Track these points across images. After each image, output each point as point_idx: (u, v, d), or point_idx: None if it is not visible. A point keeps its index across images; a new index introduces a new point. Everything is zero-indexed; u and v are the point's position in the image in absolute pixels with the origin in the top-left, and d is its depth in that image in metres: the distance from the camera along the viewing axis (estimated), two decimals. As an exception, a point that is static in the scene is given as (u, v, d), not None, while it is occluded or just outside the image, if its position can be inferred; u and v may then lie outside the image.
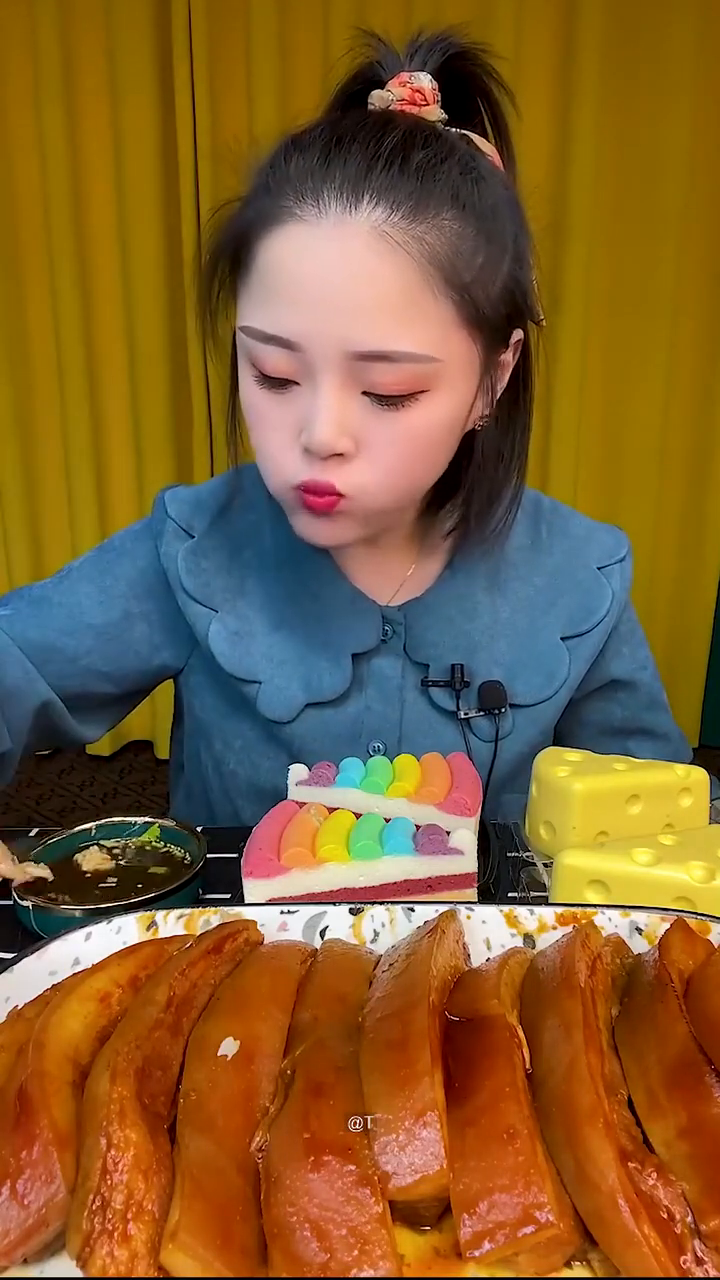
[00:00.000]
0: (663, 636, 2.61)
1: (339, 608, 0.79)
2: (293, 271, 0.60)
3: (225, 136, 2.28)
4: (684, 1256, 0.32)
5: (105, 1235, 0.31)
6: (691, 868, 0.54)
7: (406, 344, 0.60)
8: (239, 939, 0.48)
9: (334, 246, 0.59)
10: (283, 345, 0.62)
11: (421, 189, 0.59)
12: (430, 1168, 0.33)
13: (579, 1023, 0.38)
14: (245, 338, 0.64)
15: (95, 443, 2.52)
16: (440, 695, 0.80)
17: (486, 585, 0.81)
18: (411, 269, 0.59)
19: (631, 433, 2.49)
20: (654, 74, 2.22)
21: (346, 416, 0.63)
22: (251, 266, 0.63)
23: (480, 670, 0.80)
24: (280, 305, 0.61)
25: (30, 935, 0.60)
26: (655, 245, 2.33)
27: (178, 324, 2.43)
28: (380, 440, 0.64)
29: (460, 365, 0.64)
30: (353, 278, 0.59)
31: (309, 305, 0.60)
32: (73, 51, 2.26)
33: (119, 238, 2.38)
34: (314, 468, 0.64)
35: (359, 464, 0.65)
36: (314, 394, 0.62)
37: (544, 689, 0.81)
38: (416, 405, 0.63)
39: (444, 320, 0.61)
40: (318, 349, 0.61)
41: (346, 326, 0.60)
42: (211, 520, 0.82)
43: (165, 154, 2.33)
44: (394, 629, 0.80)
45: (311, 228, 0.59)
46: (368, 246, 0.58)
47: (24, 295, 2.45)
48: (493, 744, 0.79)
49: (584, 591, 0.83)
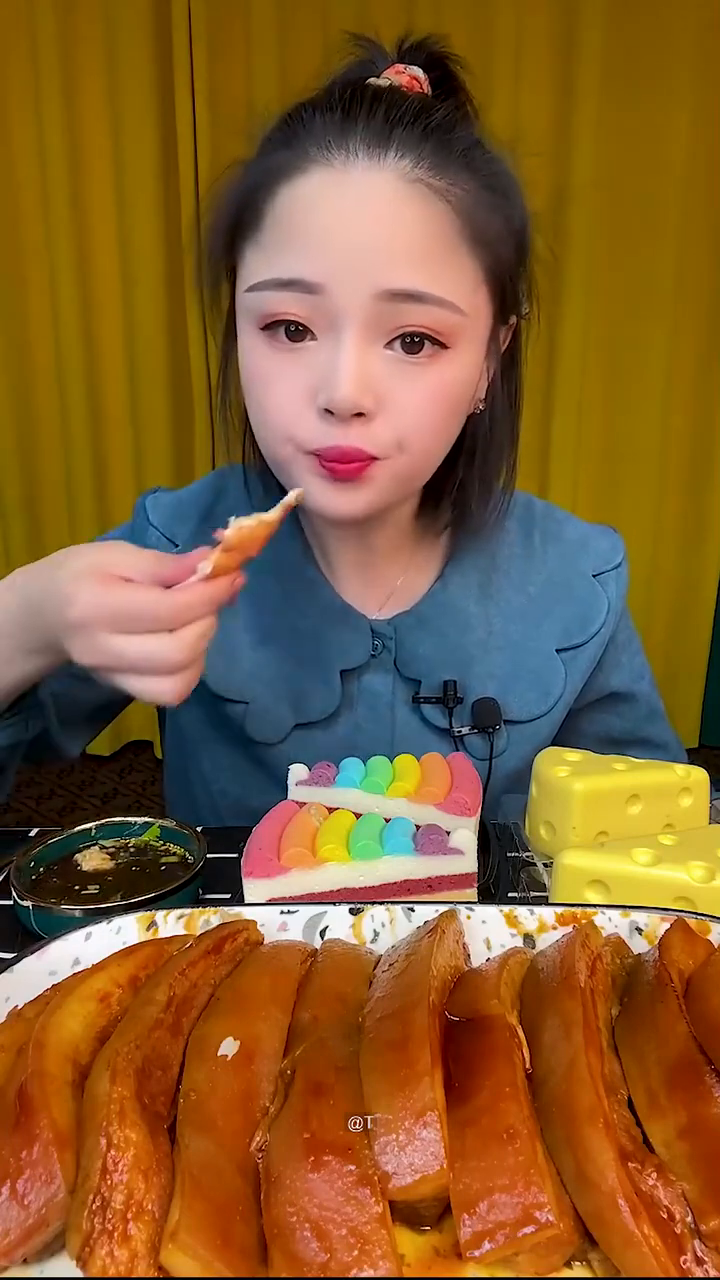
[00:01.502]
0: (663, 637, 2.61)
1: (327, 622, 0.76)
2: (320, 214, 0.59)
3: (225, 135, 2.28)
4: (684, 1256, 0.32)
5: (105, 1235, 0.31)
6: (691, 868, 0.54)
7: (438, 288, 0.59)
8: (239, 939, 0.48)
9: (364, 190, 0.58)
10: (303, 290, 0.59)
11: (442, 148, 0.60)
12: (430, 1168, 0.33)
13: (579, 1023, 0.38)
14: (253, 297, 0.62)
15: (95, 442, 2.52)
16: (432, 712, 0.77)
17: (479, 596, 0.79)
18: (442, 217, 0.59)
19: (631, 433, 2.49)
20: (654, 74, 2.22)
21: (369, 371, 0.60)
22: (264, 220, 0.61)
23: (473, 685, 0.77)
24: (303, 249, 0.59)
25: (30, 935, 0.60)
26: (655, 245, 2.33)
27: (178, 322, 2.43)
28: (404, 398, 0.61)
29: (478, 328, 0.64)
30: (384, 219, 0.58)
31: (336, 246, 0.58)
32: (73, 51, 2.26)
33: (119, 236, 2.38)
34: (334, 431, 0.61)
35: (380, 425, 0.62)
36: (335, 345, 0.60)
37: (539, 705, 0.78)
38: (439, 362, 0.62)
39: (470, 274, 0.61)
40: (344, 290, 0.59)
41: (377, 266, 0.58)
42: (194, 528, 0.79)
43: (165, 153, 2.33)
44: (384, 643, 0.77)
45: (339, 173, 0.59)
46: (398, 191, 0.58)
47: (24, 295, 2.45)
48: (487, 762, 0.77)
49: (579, 601, 0.80)
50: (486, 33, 2.19)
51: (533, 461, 2.48)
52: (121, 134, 2.31)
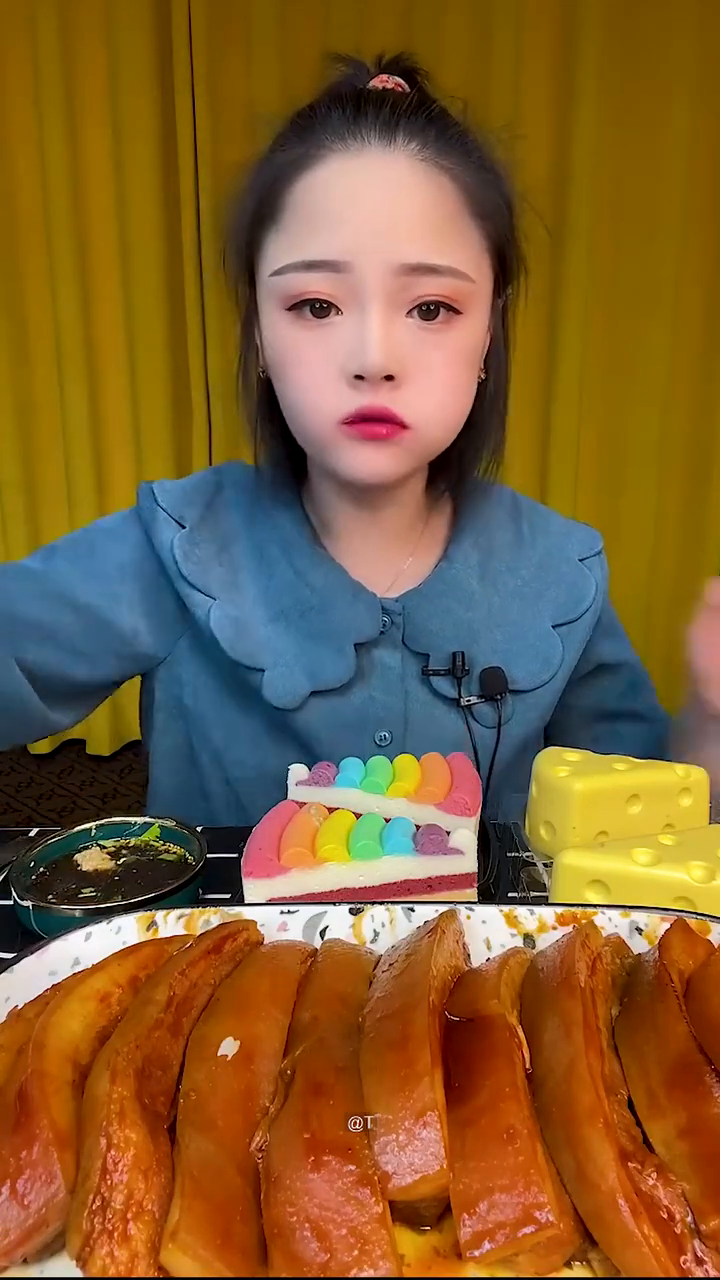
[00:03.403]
0: (663, 636, 2.61)
1: (338, 597, 0.79)
2: (339, 198, 0.64)
3: (225, 135, 2.28)
4: (684, 1256, 0.32)
5: (105, 1235, 0.31)
6: (691, 868, 0.54)
7: (450, 259, 0.65)
8: (239, 939, 0.48)
9: (379, 172, 0.64)
10: (329, 269, 0.64)
11: (444, 134, 0.66)
12: (430, 1168, 0.33)
13: (579, 1023, 0.38)
14: (279, 280, 0.67)
15: (95, 442, 2.52)
16: (441, 684, 0.80)
17: (480, 575, 0.83)
18: (449, 193, 0.66)
19: (631, 433, 2.49)
20: (654, 74, 2.22)
21: (394, 338, 0.65)
22: (284, 209, 0.66)
23: (479, 658, 0.81)
24: (326, 231, 0.64)
25: (30, 935, 0.60)
26: (655, 245, 2.33)
27: (177, 321, 2.44)
28: (423, 364, 0.67)
29: (483, 296, 0.70)
30: (398, 198, 0.64)
31: (358, 225, 0.64)
32: (73, 51, 2.26)
33: (119, 236, 2.38)
34: (364, 396, 0.66)
35: (408, 391, 0.67)
36: (361, 317, 0.65)
37: (541, 674, 0.82)
38: (454, 327, 0.68)
39: (476, 244, 0.68)
40: (367, 266, 0.64)
41: (396, 241, 0.64)
42: (201, 513, 0.81)
43: (165, 153, 2.33)
44: (393, 620, 0.80)
45: (355, 158, 0.64)
46: (410, 171, 0.64)
47: (24, 295, 2.45)
48: (495, 730, 0.80)
49: (569, 583, 0.85)
50: (486, 32, 2.19)
51: (533, 460, 2.48)
52: (122, 134, 2.31)
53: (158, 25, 2.26)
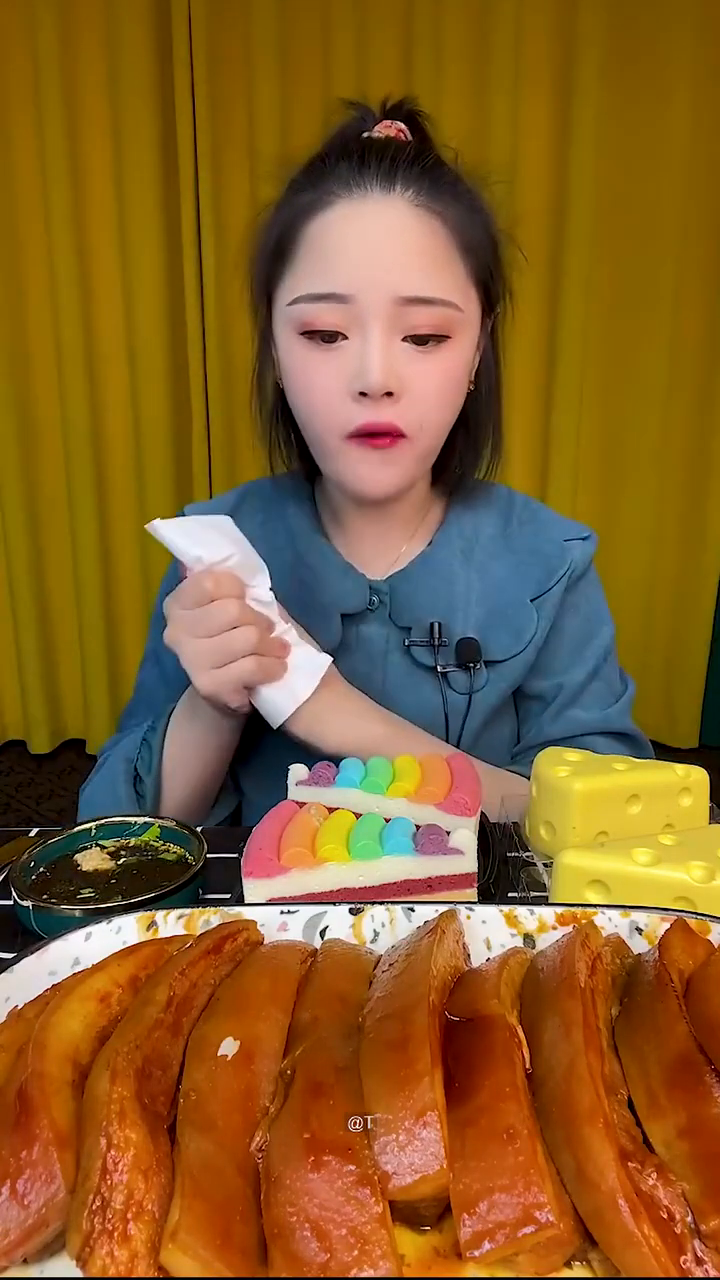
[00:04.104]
0: (663, 636, 2.61)
1: (329, 575, 0.88)
2: (345, 237, 0.74)
3: (225, 135, 2.28)
4: (684, 1256, 0.32)
5: (105, 1235, 0.31)
6: (691, 868, 0.54)
7: (440, 291, 0.74)
8: (239, 939, 0.48)
9: (379, 215, 0.73)
10: (336, 300, 0.74)
11: (435, 180, 0.75)
12: (430, 1168, 0.33)
13: (579, 1023, 0.38)
14: (294, 310, 0.76)
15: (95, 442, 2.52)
16: (422, 654, 0.88)
17: (462, 560, 0.90)
18: (439, 231, 0.75)
19: (631, 433, 2.48)
20: (654, 74, 2.22)
21: (392, 360, 0.75)
22: (299, 248, 0.76)
23: (457, 630, 0.88)
24: (334, 267, 0.74)
25: (30, 935, 0.60)
26: (655, 245, 2.33)
27: (178, 326, 2.43)
28: (418, 382, 0.76)
29: (471, 321, 0.79)
30: (396, 238, 0.73)
31: (361, 262, 0.73)
32: (73, 51, 2.26)
33: (119, 237, 2.38)
34: (369, 410, 0.75)
35: (405, 405, 0.76)
36: (364, 342, 0.74)
37: (513, 646, 0.88)
38: (444, 349, 0.76)
39: (462, 276, 0.77)
40: (369, 297, 0.73)
41: (394, 276, 0.73)
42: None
43: (165, 154, 2.33)
44: (380, 598, 0.89)
45: (359, 203, 0.74)
46: (405, 213, 0.74)
47: (24, 296, 2.45)
48: (467, 696, 0.87)
49: (547, 557, 0.91)
50: (486, 33, 2.19)
51: (533, 461, 2.48)
52: (122, 134, 2.31)
53: (158, 26, 2.26)
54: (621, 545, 2.52)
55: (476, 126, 2.21)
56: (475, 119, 2.21)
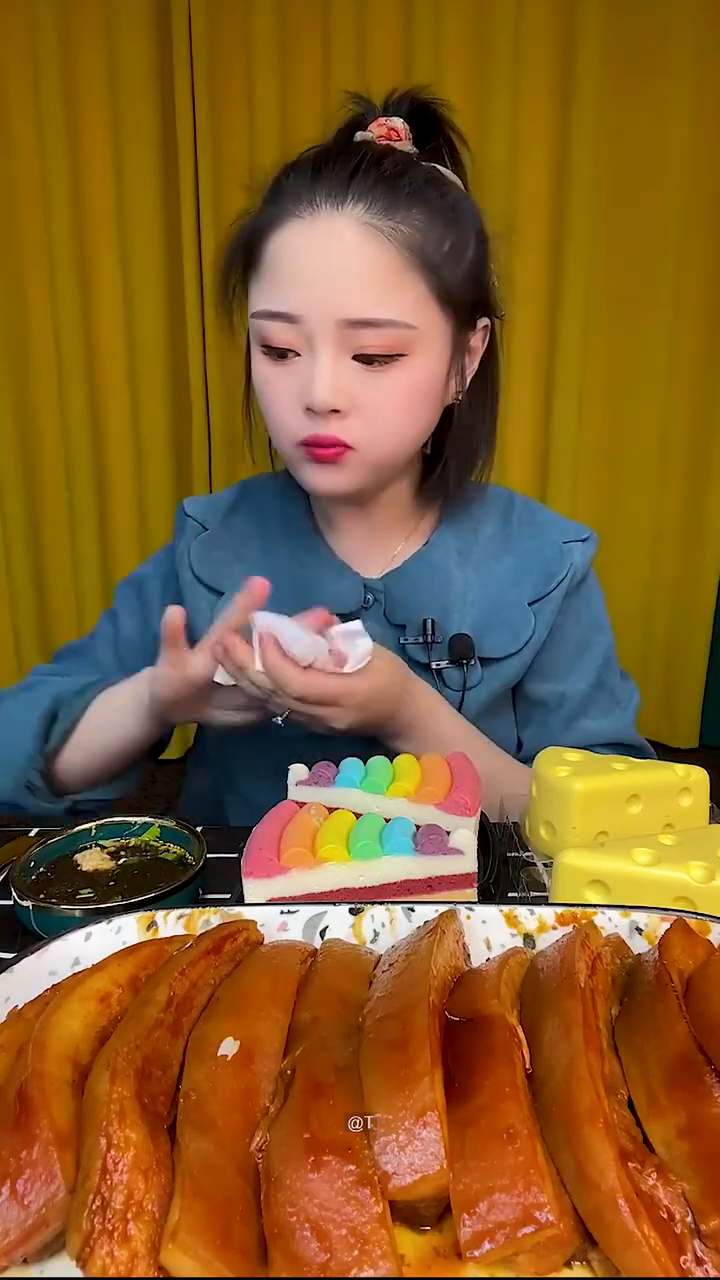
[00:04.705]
0: (663, 636, 2.61)
1: (324, 575, 0.89)
2: (294, 258, 0.74)
3: (225, 136, 2.28)
4: (684, 1256, 0.32)
5: (105, 1235, 0.31)
6: (691, 868, 0.54)
7: (388, 312, 0.73)
8: (239, 939, 0.48)
9: (326, 236, 0.73)
10: (286, 320, 0.74)
11: (391, 191, 0.73)
12: (430, 1168, 0.33)
13: (579, 1023, 0.38)
14: (255, 322, 0.77)
15: (95, 442, 2.52)
16: (415, 650, 0.88)
17: (459, 561, 0.90)
18: (390, 251, 0.73)
19: (631, 433, 2.48)
20: (654, 74, 2.22)
21: (340, 378, 0.75)
22: (261, 262, 0.76)
23: (452, 629, 0.87)
24: (284, 287, 0.74)
25: (30, 935, 0.60)
26: (655, 245, 2.33)
27: (178, 327, 2.43)
28: (370, 398, 0.76)
29: (433, 336, 0.77)
30: (343, 259, 0.73)
31: (308, 284, 0.73)
32: (73, 51, 2.26)
33: (119, 238, 2.38)
34: (316, 424, 0.76)
35: (355, 420, 0.77)
36: (312, 361, 0.75)
37: (510, 645, 0.88)
38: (397, 367, 0.76)
39: (418, 294, 0.75)
40: (315, 319, 0.73)
41: (339, 299, 0.73)
42: (222, 518, 0.94)
43: (165, 156, 2.33)
44: (375, 597, 0.89)
45: (308, 223, 0.73)
46: (353, 234, 0.72)
47: (24, 297, 2.44)
48: (460, 693, 0.87)
49: (547, 560, 0.90)
50: (486, 34, 2.19)
51: (533, 461, 2.48)
52: (122, 134, 2.31)
53: (158, 26, 2.26)
54: (621, 545, 2.51)
55: (476, 127, 2.21)
56: (475, 119, 2.21)
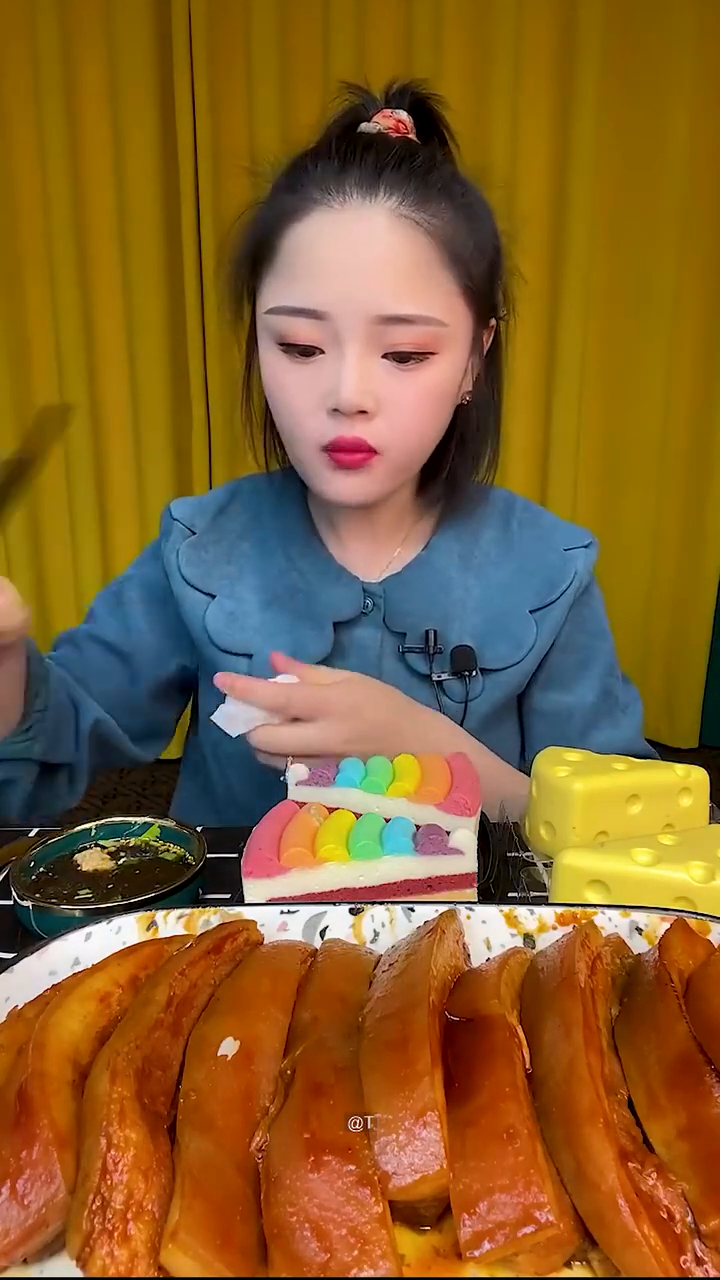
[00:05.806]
0: (663, 636, 2.61)
1: (323, 580, 0.86)
2: (322, 250, 0.70)
3: (225, 136, 2.28)
4: (684, 1256, 0.32)
5: (105, 1235, 0.31)
6: (691, 868, 0.54)
7: (421, 308, 0.71)
8: (239, 939, 0.48)
9: (358, 227, 0.69)
10: (312, 316, 0.71)
11: (424, 184, 0.71)
12: (430, 1168, 0.33)
13: (579, 1023, 0.38)
14: (272, 319, 0.73)
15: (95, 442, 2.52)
16: (416, 660, 0.86)
17: (460, 566, 0.88)
18: (424, 245, 0.70)
19: (631, 433, 2.48)
20: (654, 74, 2.22)
21: (368, 377, 0.72)
22: (277, 256, 0.72)
23: (454, 638, 0.86)
24: (309, 281, 0.71)
25: (30, 935, 0.60)
26: (655, 245, 2.33)
27: (177, 322, 2.44)
28: (398, 398, 0.73)
29: (460, 332, 0.75)
30: (376, 253, 0.69)
31: (337, 278, 0.70)
32: (73, 51, 2.26)
33: (119, 238, 2.38)
34: (341, 426, 0.73)
35: (379, 422, 0.74)
36: (339, 359, 0.71)
37: (512, 655, 0.86)
38: (427, 366, 0.73)
39: (449, 290, 0.72)
40: (345, 316, 0.70)
41: (372, 294, 0.69)
42: (212, 519, 0.91)
43: (165, 154, 2.33)
44: (374, 602, 0.87)
45: (337, 213, 0.70)
46: (387, 227, 0.69)
47: (24, 297, 2.45)
48: (463, 705, 0.85)
49: (550, 568, 0.89)
50: (486, 34, 2.19)
51: (533, 462, 2.48)
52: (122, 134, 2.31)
53: (158, 26, 2.26)
54: (621, 546, 2.51)
55: (477, 126, 2.21)
56: (475, 119, 2.21)
